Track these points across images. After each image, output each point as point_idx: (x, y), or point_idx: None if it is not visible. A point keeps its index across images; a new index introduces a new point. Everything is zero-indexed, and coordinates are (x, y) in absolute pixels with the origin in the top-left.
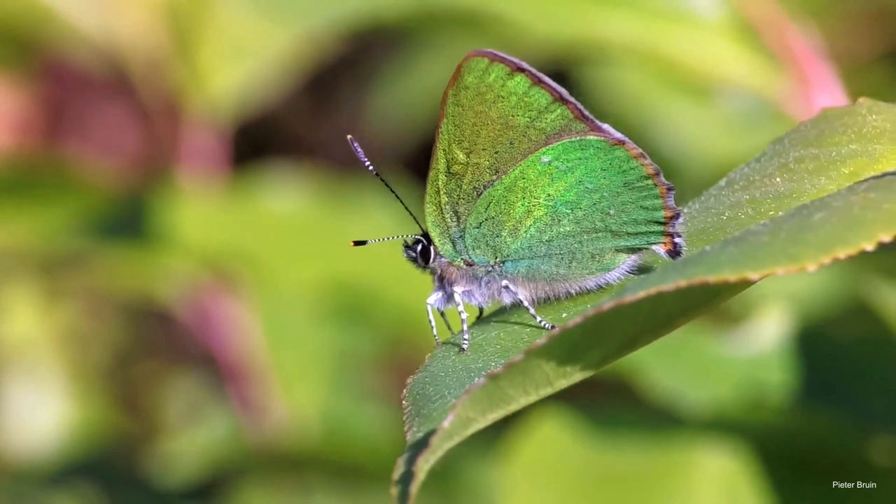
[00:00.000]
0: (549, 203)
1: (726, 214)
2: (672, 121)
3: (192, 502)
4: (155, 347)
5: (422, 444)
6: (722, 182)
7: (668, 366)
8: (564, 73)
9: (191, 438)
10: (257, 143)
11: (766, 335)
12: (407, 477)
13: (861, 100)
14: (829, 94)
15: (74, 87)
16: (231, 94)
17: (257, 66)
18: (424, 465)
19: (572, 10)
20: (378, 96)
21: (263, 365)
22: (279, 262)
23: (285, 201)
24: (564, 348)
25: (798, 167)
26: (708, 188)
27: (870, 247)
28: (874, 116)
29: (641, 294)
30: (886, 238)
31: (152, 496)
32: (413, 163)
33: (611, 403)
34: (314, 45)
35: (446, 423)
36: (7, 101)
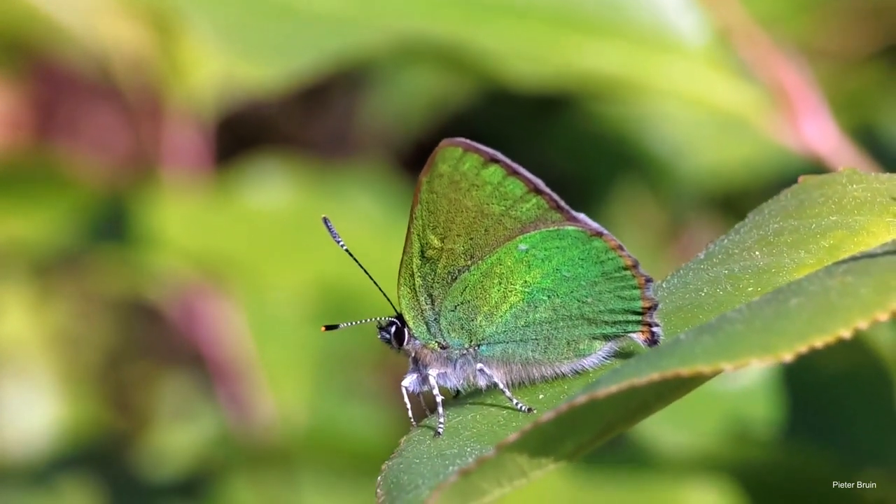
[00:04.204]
0: (526, 290)
1: (704, 291)
2: (666, 118)
3: (181, 498)
4: (145, 347)
5: None
6: (701, 254)
7: None
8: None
9: (179, 435)
10: (244, 135)
11: (751, 368)
12: None
13: (842, 168)
14: (816, 121)
15: (64, 86)
16: (212, 89)
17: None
18: None
19: (555, 42)
20: (371, 92)
21: (251, 362)
22: (264, 263)
23: (269, 199)
24: (538, 441)
25: (777, 240)
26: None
27: (847, 334)
28: (854, 186)
29: (614, 388)
30: (863, 325)
31: (141, 492)
32: (407, 162)
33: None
34: (295, 82)
35: None
36: None
